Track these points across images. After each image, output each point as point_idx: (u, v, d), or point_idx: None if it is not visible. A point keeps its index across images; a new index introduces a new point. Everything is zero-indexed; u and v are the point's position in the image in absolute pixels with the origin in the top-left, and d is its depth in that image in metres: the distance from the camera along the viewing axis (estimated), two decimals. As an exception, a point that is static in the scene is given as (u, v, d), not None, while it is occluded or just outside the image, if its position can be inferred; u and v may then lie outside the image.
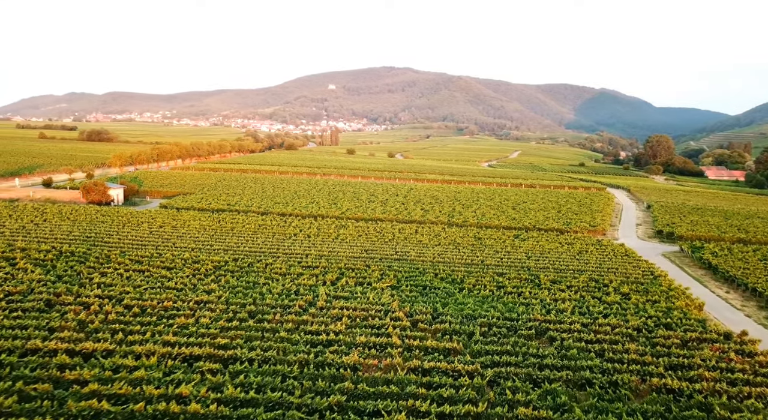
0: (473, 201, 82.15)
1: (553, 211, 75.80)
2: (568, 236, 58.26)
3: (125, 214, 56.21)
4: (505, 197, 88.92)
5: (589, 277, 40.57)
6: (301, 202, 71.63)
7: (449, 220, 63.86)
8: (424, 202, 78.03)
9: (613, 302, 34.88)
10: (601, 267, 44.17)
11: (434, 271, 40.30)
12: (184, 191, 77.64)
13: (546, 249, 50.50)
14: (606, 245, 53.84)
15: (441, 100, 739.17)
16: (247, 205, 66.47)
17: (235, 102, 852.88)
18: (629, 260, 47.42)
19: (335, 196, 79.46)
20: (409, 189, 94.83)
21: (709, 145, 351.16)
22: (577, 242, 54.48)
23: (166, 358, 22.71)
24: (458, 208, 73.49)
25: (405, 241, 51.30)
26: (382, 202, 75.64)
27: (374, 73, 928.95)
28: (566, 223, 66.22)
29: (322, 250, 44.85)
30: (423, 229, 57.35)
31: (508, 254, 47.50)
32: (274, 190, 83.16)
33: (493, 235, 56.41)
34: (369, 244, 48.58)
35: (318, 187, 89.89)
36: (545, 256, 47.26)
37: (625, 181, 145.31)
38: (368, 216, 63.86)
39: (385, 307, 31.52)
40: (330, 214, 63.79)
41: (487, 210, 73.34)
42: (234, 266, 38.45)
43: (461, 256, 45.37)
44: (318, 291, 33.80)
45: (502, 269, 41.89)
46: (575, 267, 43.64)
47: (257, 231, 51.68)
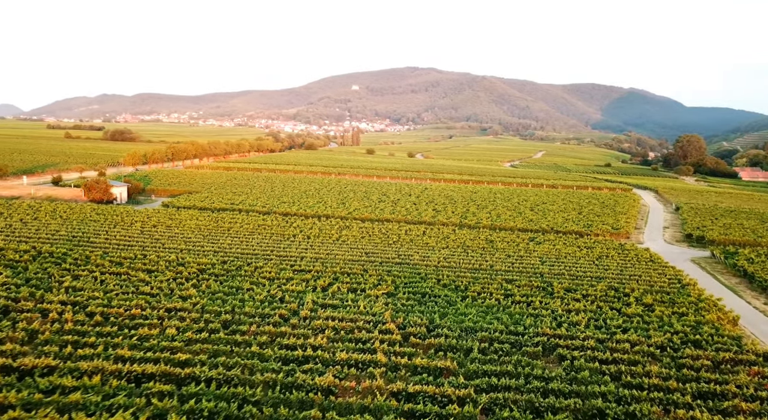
0: (489, 201, 78.47)
1: (573, 212, 71.72)
2: (588, 239, 54.34)
3: (122, 212, 54.22)
4: (524, 198, 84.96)
5: (608, 285, 36.83)
6: (308, 202, 68.98)
7: (461, 222, 60.44)
8: (437, 203, 74.68)
9: (633, 314, 31.18)
10: (623, 274, 40.35)
11: (437, 277, 37.05)
12: (191, 190, 75.72)
13: (562, 253, 46.77)
14: (629, 250, 49.82)
15: (464, 100, 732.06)
16: (251, 205, 64.06)
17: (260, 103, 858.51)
18: (654, 266, 43.45)
19: (345, 196, 76.64)
20: (423, 189, 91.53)
21: (743, 146, 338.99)
22: (597, 246, 50.58)
23: (112, 378, 19.99)
24: (472, 209, 69.96)
25: (410, 243, 48.13)
26: (392, 203, 72.55)
27: (398, 73, 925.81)
28: (587, 225, 62.19)
29: (319, 253, 41.98)
30: (432, 231, 54.09)
31: (521, 259, 43.94)
32: (283, 190, 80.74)
33: (506, 237, 52.83)
34: (371, 247, 45.55)
35: (329, 187, 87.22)
36: (561, 261, 43.57)
37: (653, 181, 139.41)
38: (375, 216, 60.85)
39: (377, 317, 28.43)
40: (336, 215, 60.96)
41: (503, 211, 69.66)
42: (220, 269, 35.80)
43: (469, 261, 41.99)
44: (305, 298, 30.87)
45: (513, 275, 38.41)
46: (593, 273, 39.89)
47: (255, 231, 49.08)
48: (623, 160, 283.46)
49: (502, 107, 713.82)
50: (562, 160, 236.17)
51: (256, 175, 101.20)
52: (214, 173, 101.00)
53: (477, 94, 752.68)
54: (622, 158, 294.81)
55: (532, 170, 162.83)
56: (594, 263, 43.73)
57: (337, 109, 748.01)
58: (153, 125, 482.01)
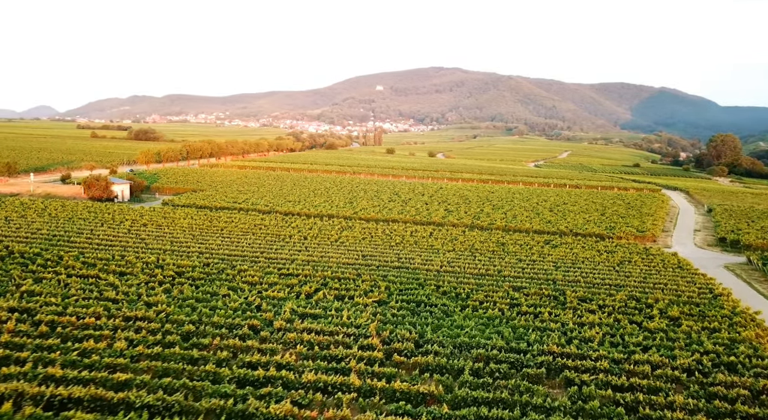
0: (506, 202, 74.48)
1: (595, 213, 67.33)
2: (610, 243, 50.17)
3: (114, 210, 52.03)
4: (544, 198, 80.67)
5: (628, 294, 32.89)
6: (314, 201, 66.08)
7: (473, 223, 56.75)
8: (450, 203, 71.04)
9: (656, 330, 27.28)
10: (646, 282, 36.30)
11: (437, 283, 33.59)
12: (197, 188, 73.53)
13: (580, 258, 42.80)
14: (655, 254, 45.55)
15: (489, 100, 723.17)
16: (254, 203, 61.41)
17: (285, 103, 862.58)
18: (682, 273, 39.23)
19: (354, 195, 73.54)
20: (438, 188, 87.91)
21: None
22: (619, 250, 46.42)
23: (29, 403, 17.14)
24: (487, 210, 66.15)
25: (414, 245, 44.72)
26: (403, 202, 69.18)
27: (422, 73, 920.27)
28: (609, 227, 57.86)
29: (312, 255, 38.91)
30: (440, 232, 50.58)
31: (533, 263, 40.16)
32: (292, 188, 78.04)
33: (520, 239, 49.01)
34: (371, 249, 42.30)
35: (340, 186, 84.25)
36: (577, 267, 39.67)
37: (684, 182, 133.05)
38: (382, 217, 57.57)
39: (360, 330, 25.18)
40: (341, 214, 57.87)
41: (519, 212, 65.69)
42: (200, 272, 32.96)
43: (475, 265, 38.42)
44: (284, 306, 27.78)
45: (522, 282, 34.72)
46: (612, 281, 35.93)
47: (249, 231, 46.27)
48: (653, 160, 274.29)
49: (528, 107, 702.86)
50: (588, 161, 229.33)
51: (268, 174, 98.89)
52: (226, 171, 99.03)
53: (502, 94, 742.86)
54: (651, 159, 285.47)
55: (556, 170, 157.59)
56: (614, 269, 39.72)
57: (361, 109, 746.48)
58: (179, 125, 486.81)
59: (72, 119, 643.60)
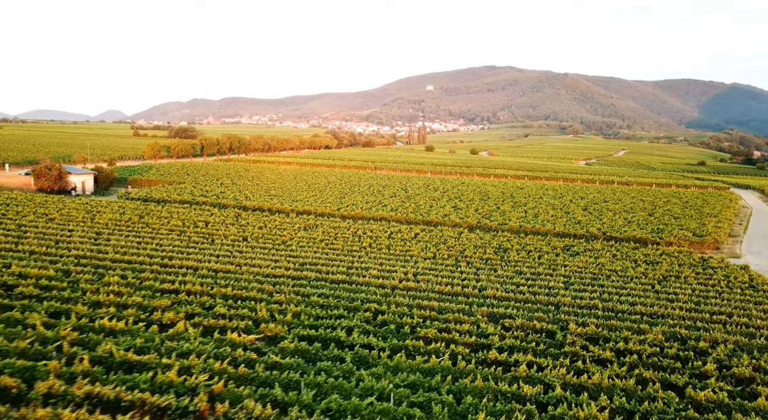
0: (534, 199, 62.50)
1: (641, 213, 54.50)
2: (654, 250, 37.90)
3: (46, 203, 44.02)
4: (581, 195, 67.98)
5: (669, 331, 21.25)
6: (298, 196, 56.47)
7: (479, 222, 45.48)
8: (463, 199, 59.83)
9: (711, 403, 15.73)
10: (700, 310, 24.44)
11: (380, 308, 22.98)
12: (179, 181, 65.43)
13: (606, 270, 31.05)
14: (716, 267, 33.16)
15: (544, 99, 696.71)
16: (225, 198, 52.35)
17: (335, 105, 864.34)
18: (757, 297, 26.98)
19: (354, 190, 63.48)
20: (459, 183, 76.61)
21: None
22: (664, 260, 34.23)
23: None
24: (506, 207, 54.58)
25: (385, 250, 34.17)
26: (406, 198, 58.57)
27: (474, 72, 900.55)
28: (657, 230, 45.29)
29: (233, 260, 29.08)
30: (430, 233, 39.76)
31: (536, 278, 28.83)
32: (285, 182, 68.76)
33: (532, 244, 37.56)
34: (319, 254, 32.08)
35: (346, 180, 74.38)
36: (599, 284, 28.06)
37: (758, 181, 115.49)
38: (369, 214, 47.19)
39: (181, 401, 15.00)
40: (319, 211, 47.92)
41: (545, 210, 53.80)
42: (47, 282, 23.68)
43: (451, 279, 27.53)
44: (100, 346, 17.94)
45: (510, 307, 23.65)
46: (647, 308, 24.25)
47: (181, 228, 36.92)
48: (721, 159, 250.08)
49: (585, 105, 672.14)
50: (646, 159, 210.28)
51: (275, 168, 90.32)
52: (230, 165, 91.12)
53: (557, 92, 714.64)
54: (720, 157, 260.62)
55: (605, 167, 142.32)
56: (652, 289, 27.83)
57: (410, 109, 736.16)
58: (230, 127, 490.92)
59: (132, 121, 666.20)
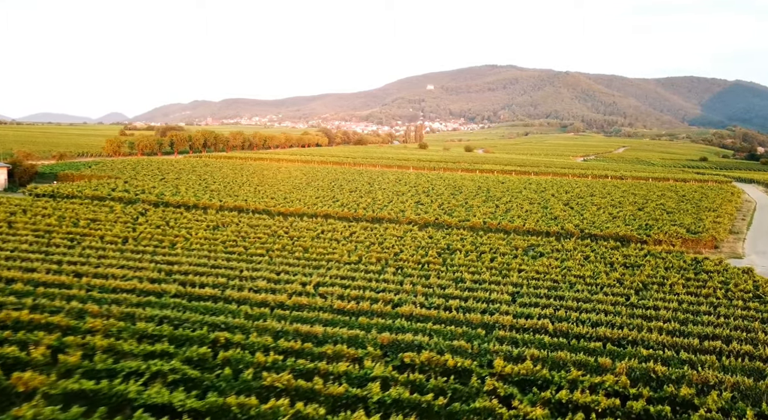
0: (512, 193, 55.89)
1: (630, 208, 47.82)
2: (637, 250, 31.24)
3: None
4: (566, 189, 61.34)
5: (639, 367, 14.58)
6: (239, 191, 49.97)
7: (437, 219, 38.87)
8: (432, 194, 53.26)
9: None
10: (686, 332, 17.79)
11: (230, 339, 16.42)
12: (114, 176, 59.04)
13: (571, 277, 24.39)
14: (712, 271, 26.50)
15: (545, 97, 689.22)
16: (157, 194, 45.89)
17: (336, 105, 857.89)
18: (765, 310, 20.32)
19: (310, 185, 56.98)
20: (435, 178, 70.03)
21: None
22: (648, 263, 27.58)
23: None
24: (476, 202, 47.96)
25: (302, 252, 27.64)
26: (366, 193, 52.02)
27: (475, 71, 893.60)
28: (645, 226, 38.64)
29: (77, 270, 22.61)
30: (372, 232, 33.22)
31: (477, 288, 22.20)
32: (237, 177, 62.28)
33: (489, 243, 30.96)
34: (206, 260, 25.58)
35: (308, 176, 67.91)
36: (558, 295, 21.41)
37: (762, 175, 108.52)
38: (311, 210, 40.66)
39: None
40: (252, 207, 41.42)
41: (520, 204, 47.17)
42: None
43: (364, 291, 20.96)
44: None
45: (422, 332, 17.05)
46: (614, 330, 17.58)
47: (54, 228, 30.42)
48: (724, 155, 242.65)
49: (586, 104, 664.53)
50: (646, 155, 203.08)
51: (240, 164, 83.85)
52: (193, 161, 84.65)
53: (558, 91, 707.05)
54: (723, 154, 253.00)
55: (603, 163, 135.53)
56: (626, 302, 21.16)
57: (411, 109, 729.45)
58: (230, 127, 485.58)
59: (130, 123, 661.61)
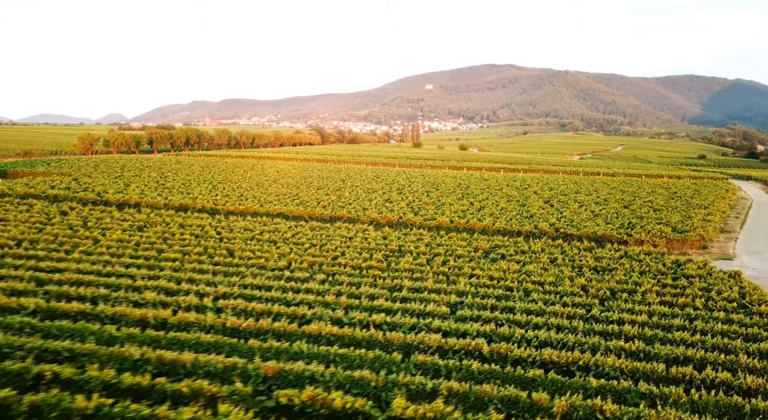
0: (491, 190, 52.56)
1: (615, 205, 44.49)
2: (613, 251, 27.93)
3: None
4: (551, 186, 58.03)
5: (583, 406, 11.24)
6: (198, 189, 46.69)
7: (401, 218, 35.56)
8: (405, 191, 49.93)
9: None
10: (651, 353, 14.43)
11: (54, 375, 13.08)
12: (70, 173, 55.79)
13: (529, 283, 21.04)
14: (693, 275, 23.18)
15: (544, 96, 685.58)
16: (96, 193, 42.63)
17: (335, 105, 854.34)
18: (750, 324, 16.99)
19: (276, 182, 53.72)
20: (418, 175, 66.72)
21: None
22: (622, 265, 24.25)
23: None
24: (449, 200, 44.65)
25: (224, 257, 24.36)
26: (334, 190, 48.72)
27: (474, 71, 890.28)
28: (627, 225, 35.31)
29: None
30: (318, 232, 29.93)
31: (412, 299, 18.87)
32: (202, 175, 59.00)
33: (448, 244, 27.67)
34: (84, 265, 22.26)
35: (280, 173, 64.66)
36: (507, 307, 18.07)
37: (761, 172, 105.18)
38: (263, 209, 37.37)
39: None
40: (198, 206, 38.12)
41: (495, 201, 43.85)
42: None
43: (271, 304, 17.67)
44: None
45: (322, 359, 13.72)
46: (563, 353, 14.25)
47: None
48: (723, 153, 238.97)
49: (586, 103, 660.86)
50: (644, 153, 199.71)
51: (215, 162, 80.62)
52: (166, 159, 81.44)
53: (558, 90, 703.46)
54: (722, 152, 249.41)
55: (597, 161, 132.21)
56: (587, 314, 17.80)
57: (410, 109, 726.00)
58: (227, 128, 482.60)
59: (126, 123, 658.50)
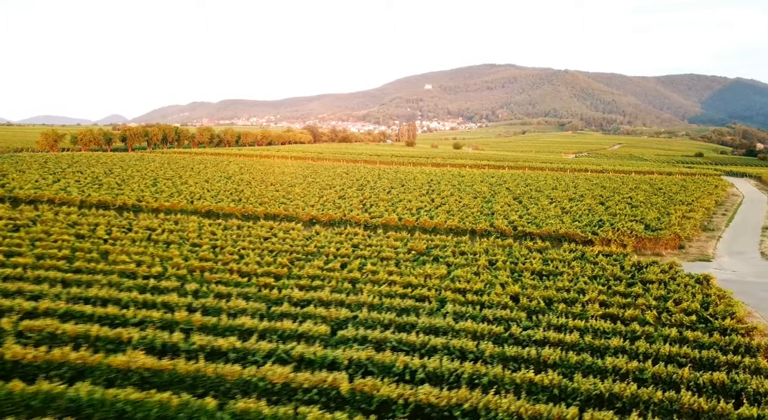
0: (456, 187, 48.96)
1: (590, 201, 40.85)
2: (566, 252, 24.33)
3: None
4: (528, 182, 54.41)
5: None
6: (135, 184, 43.18)
7: (345, 216, 32.01)
8: (365, 188, 46.39)
9: None
10: (569, 388, 10.80)
11: None
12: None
13: (449, 292, 17.42)
14: (654, 280, 19.55)
15: (543, 96, 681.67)
16: (9, 190, 39.13)
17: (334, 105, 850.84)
18: (714, 346, 13.33)
19: (228, 178, 50.19)
20: (392, 172, 63.17)
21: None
22: (570, 270, 20.62)
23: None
24: (409, 196, 41.09)
25: (96, 263, 20.80)
26: (284, 187, 45.18)
27: (473, 71, 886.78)
28: (594, 223, 31.72)
29: None
30: (237, 230, 26.39)
31: (264, 329, 15.27)
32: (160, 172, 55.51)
33: (378, 244, 24.12)
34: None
35: (243, 170, 61.16)
36: (408, 323, 14.44)
37: (756, 169, 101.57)
38: (191, 207, 33.86)
39: None
40: (119, 203, 34.60)
41: (457, 198, 40.30)
42: None
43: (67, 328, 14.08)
44: None
45: (111, 402, 10.13)
46: (446, 394, 10.64)
47: None
48: (722, 151, 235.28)
49: (585, 102, 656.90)
50: (640, 152, 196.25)
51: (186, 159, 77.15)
52: (129, 156, 77.91)
53: (557, 89, 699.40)
54: (721, 150, 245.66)
55: (591, 158, 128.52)
56: (504, 333, 14.16)
57: (408, 109, 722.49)
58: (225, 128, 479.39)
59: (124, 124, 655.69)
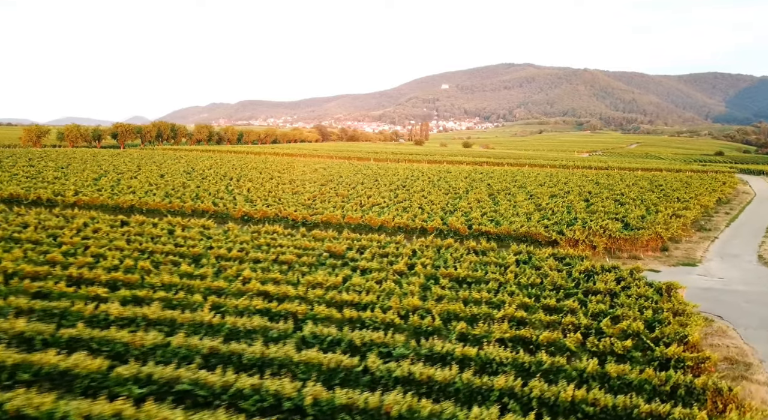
0: (431, 182, 45.30)
1: (575, 198, 36.91)
2: (510, 254, 20.60)
3: None
4: (515, 179, 50.48)
5: None
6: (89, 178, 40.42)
7: (278, 212, 28.70)
8: (327, 184, 43.02)
9: None
10: None
11: None
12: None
13: (331, 307, 13.91)
14: (602, 291, 15.77)
15: (561, 95, 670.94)
16: None
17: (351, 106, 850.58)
18: (655, 384, 9.59)
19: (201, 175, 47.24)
20: (378, 168, 59.73)
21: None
22: (501, 277, 16.93)
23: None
24: (370, 192, 37.61)
25: None
26: (256, 184, 42.06)
27: (491, 70, 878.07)
28: (568, 221, 27.90)
29: None
30: (140, 227, 23.20)
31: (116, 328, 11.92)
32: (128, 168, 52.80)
33: (288, 245, 20.72)
34: None
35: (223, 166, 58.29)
36: (226, 355, 10.97)
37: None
38: (140, 204, 30.83)
39: None
40: (71, 201, 31.74)
41: (425, 194, 36.71)
42: None
43: None
44: None
45: None
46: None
47: None
48: (745, 150, 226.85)
49: (605, 101, 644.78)
50: (657, 150, 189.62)
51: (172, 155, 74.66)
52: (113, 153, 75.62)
53: (576, 88, 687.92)
54: (744, 149, 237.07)
55: (599, 156, 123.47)
56: (359, 364, 10.62)
57: (425, 108, 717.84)
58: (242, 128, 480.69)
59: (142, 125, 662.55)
